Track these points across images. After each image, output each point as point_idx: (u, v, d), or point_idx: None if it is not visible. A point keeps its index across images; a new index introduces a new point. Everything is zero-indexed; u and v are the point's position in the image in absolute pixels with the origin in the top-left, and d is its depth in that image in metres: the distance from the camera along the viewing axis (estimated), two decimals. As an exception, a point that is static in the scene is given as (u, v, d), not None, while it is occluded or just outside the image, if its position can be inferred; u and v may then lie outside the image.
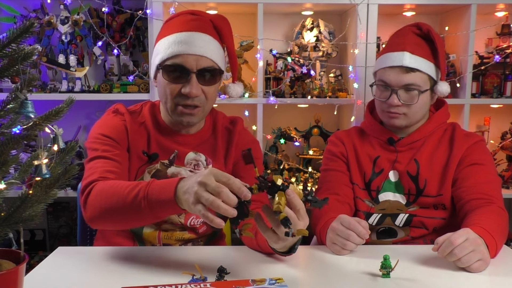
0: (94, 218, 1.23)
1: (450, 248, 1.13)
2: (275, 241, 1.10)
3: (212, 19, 1.39)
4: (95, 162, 1.33)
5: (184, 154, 1.43)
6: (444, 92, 1.55)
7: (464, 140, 1.55)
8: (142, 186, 1.12)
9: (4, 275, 0.83)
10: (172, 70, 1.34)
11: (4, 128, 0.81)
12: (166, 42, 1.35)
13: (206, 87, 1.35)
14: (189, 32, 1.34)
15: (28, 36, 0.77)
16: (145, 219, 1.18)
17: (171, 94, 1.35)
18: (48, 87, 2.31)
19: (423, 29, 1.55)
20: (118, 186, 1.18)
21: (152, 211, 1.10)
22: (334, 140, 1.67)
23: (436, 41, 1.53)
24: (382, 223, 1.56)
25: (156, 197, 1.09)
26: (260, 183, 1.03)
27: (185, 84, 1.33)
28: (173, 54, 1.32)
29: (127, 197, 1.13)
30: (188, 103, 1.34)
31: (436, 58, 1.54)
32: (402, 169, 1.56)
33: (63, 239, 2.57)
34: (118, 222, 1.22)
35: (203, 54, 1.32)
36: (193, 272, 1.09)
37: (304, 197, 1.06)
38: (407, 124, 1.57)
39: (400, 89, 1.52)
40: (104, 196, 1.19)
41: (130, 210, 1.13)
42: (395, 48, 1.54)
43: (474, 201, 1.42)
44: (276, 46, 2.41)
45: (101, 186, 1.22)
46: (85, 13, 2.30)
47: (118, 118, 1.43)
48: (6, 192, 0.83)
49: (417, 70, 1.50)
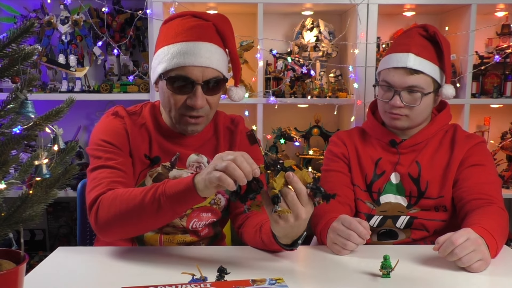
0: (107, 227, 1.23)
1: (451, 248, 1.13)
2: (275, 221, 1.09)
3: (215, 23, 1.37)
4: (99, 172, 1.32)
5: (186, 156, 1.43)
6: (449, 95, 1.54)
7: (465, 142, 1.55)
8: (158, 185, 1.17)
9: (4, 275, 0.83)
10: (176, 81, 1.32)
11: (4, 128, 0.81)
12: (170, 51, 1.32)
13: (210, 97, 1.34)
14: (194, 42, 1.31)
15: (28, 36, 0.77)
16: (163, 217, 1.19)
17: (176, 104, 1.34)
18: (48, 87, 2.31)
19: (430, 31, 1.54)
20: (131, 192, 1.20)
21: (172, 205, 1.14)
22: (335, 141, 1.66)
23: (442, 43, 1.52)
24: (383, 225, 1.56)
25: (174, 190, 1.13)
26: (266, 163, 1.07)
27: (191, 96, 1.32)
28: (178, 66, 1.30)
29: (144, 198, 1.16)
30: (194, 114, 1.34)
31: (441, 61, 1.53)
32: (403, 171, 1.55)
33: (63, 239, 2.57)
34: (133, 226, 1.23)
35: (208, 65, 1.31)
36: (193, 272, 1.09)
37: (310, 184, 1.07)
38: (409, 126, 1.56)
39: (403, 90, 1.51)
40: (118, 203, 1.20)
41: (148, 210, 1.16)
42: (400, 49, 1.53)
43: (474, 201, 1.42)
44: (276, 46, 2.41)
45: (112, 194, 1.22)
46: (85, 13, 2.30)
47: (118, 121, 1.41)
48: (6, 192, 0.83)
49: (421, 72, 1.49)
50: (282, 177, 1.05)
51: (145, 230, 1.33)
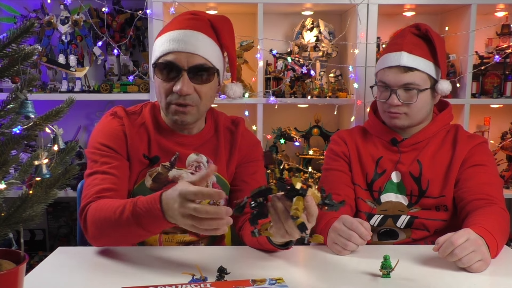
0: (95, 240, 1.28)
1: (451, 249, 1.13)
2: (282, 235, 1.08)
3: (211, 18, 1.39)
4: (93, 178, 1.34)
5: (185, 155, 1.43)
6: (445, 90, 1.55)
7: (467, 142, 1.55)
8: (129, 206, 1.16)
9: (4, 275, 0.83)
10: (164, 68, 1.34)
11: (4, 128, 0.81)
12: (161, 41, 1.35)
13: (199, 85, 1.34)
14: (183, 30, 1.34)
15: (28, 36, 0.77)
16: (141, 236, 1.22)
17: (164, 92, 1.35)
18: (48, 87, 2.31)
19: (422, 29, 1.56)
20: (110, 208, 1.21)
21: (145, 229, 1.15)
22: (336, 139, 1.67)
23: (435, 40, 1.53)
24: (384, 224, 1.56)
25: (145, 215, 1.13)
26: (279, 184, 1.03)
27: (176, 82, 1.32)
28: (165, 52, 1.32)
29: (120, 218, 1.17)
30: (180, 101, 1.33)
31: (435, 57, 1.54)
32: (404, 170, 1.55)
33: (63, 239, 2.57)
34: (117, 242, 1.28)
35: (194, 51, 1.31)
36: (193, 272, 1.09)
37: (322, 200, 1.05)
38: (409, 124, 1.56)
39: (399, 88, 1.52)
40: (98, 221, 1.23)
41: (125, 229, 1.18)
42: (393, 49, 1.55)
43: (476, 201, 1.42)
44: (276, 46, 2.41)
45: (93, 210, 1.25)
46: (85, 13, 2.30)
47: (116, 122, 1.42)
48: (6, 192, 0.83)
49: (415, 69, 1.51)
50: (300, 201, 1.01)
51: (129, 244, 1.33)
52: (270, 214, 1.06)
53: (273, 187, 1.03)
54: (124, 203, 1.18)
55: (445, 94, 1.58)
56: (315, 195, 1.04)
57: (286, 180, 1.03)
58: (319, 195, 1.05)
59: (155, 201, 1.11)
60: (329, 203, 1.05)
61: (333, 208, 1.06)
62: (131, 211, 1.15)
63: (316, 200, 1.04)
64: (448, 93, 1.58)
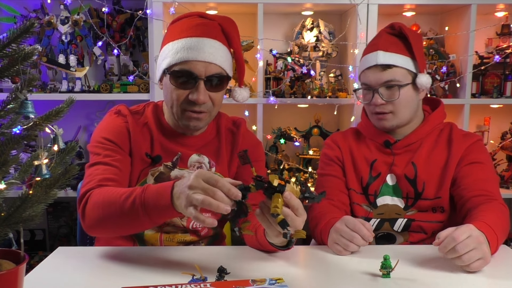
0: (92, 227, 1.25)
1: (452, 245, 1.11)
2: (276, 235, 1.10)
3: (221, 22, 1.38)
4: (95, 168, 1.33)
5: (187, 156, 1.43)
6: (425, 83, 1.55)
7: (463, 140, 1.55)
8: (137, 192, 1.14)
9: (4, 275, 0.83)
10: (180, 76, 1.33)
11: (4, 128, 0.81)
12: (175, 47, 1.33)
13: (213, 93, 1.35)
14: (198, 38, 1.32)
15: (28, 36, 0.77)
16: (143, 226, 1.21)
17: (178, 99, 1.34)
18: (48, 87, 2.30)
19: (396, 27, 1.58)
20: (113, 195, 1.19)
21: (150, 218, 1.13)
22: (330, 144, 1.66)
23: (409, 35, 1.54)
24: (381, 228, 1.56)
25: (153, 204, 1.11)
26: (257, 183, 1.03)
27: (193, 91, 1.32)
28: (182, 60, 1.31)
29: (124, 204, 1.15)
30: (196, 109, 1.34)
31: (412, 52, 1.55)
32: (399, 172, 1.55)
33: (63, 239, 2.57)
34: (116, 229, 1.25)
35: (212, 61, 1.31)
36: (193, 272, 1.10)
37: (302, 194, 1.06)
38: (398, 124, 1.56)
39: (380, 87, 1.53)
40: (101, 205, 1.20)
41: (127, 217, 1.15)
42: (370, 50, 1.58)
43: (475, 198, 1.42)
44: (276, 46, 2.40)
45: (97, 195, 1.23)
46: (85, 13, 2.30)
47: (120, 119, 1.42)
48: (6, 192, 0.83)
49: (394, 66, 1.52)
50: (279, 198, 1.02)
51: (130, 233, 1.33)
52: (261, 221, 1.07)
53: (251, 185, 1.03)
54: (133, 189, 1.16)
55: (426, 88, 1.57)
56: (294, 190, 1.05)
57: (263, 178, 1.04)
58: (298, 190, 1.06)
59: (167, 186, 1.10)
60: (309, 196, 1.06)
61: (314, 200, 1.06)
62: (139, 194, 1.13)
63: (296, 194, 1.05)
64: (429, 86, 1.57)
